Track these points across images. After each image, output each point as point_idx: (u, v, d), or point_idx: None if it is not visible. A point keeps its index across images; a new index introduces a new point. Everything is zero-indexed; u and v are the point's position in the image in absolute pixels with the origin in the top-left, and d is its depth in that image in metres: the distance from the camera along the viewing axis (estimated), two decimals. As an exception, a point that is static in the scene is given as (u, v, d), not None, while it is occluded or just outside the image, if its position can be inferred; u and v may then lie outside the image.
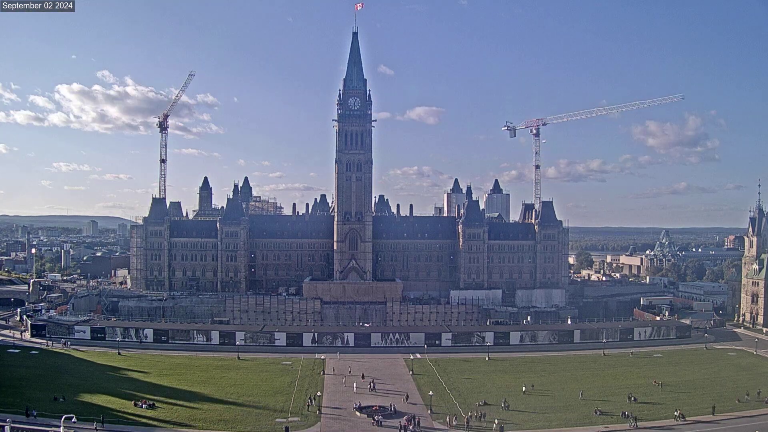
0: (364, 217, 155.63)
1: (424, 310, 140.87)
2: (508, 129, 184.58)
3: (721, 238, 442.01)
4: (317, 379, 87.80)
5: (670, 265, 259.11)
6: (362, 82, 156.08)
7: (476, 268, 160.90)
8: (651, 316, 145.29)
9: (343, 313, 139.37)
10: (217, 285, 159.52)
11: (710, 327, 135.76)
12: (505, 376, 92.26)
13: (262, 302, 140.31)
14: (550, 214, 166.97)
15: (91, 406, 69.29)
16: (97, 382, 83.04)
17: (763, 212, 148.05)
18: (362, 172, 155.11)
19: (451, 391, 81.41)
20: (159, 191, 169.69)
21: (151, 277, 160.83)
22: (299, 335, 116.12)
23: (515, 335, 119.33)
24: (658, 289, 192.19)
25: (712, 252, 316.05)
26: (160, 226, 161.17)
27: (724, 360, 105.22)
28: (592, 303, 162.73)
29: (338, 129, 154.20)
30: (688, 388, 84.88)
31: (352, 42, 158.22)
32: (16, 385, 78.64)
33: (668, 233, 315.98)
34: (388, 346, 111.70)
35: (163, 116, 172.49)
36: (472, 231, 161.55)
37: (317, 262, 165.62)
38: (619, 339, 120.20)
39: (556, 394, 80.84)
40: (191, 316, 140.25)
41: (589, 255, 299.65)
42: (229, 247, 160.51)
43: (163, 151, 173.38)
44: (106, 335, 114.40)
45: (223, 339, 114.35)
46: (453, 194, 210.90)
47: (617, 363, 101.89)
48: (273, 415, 70.22)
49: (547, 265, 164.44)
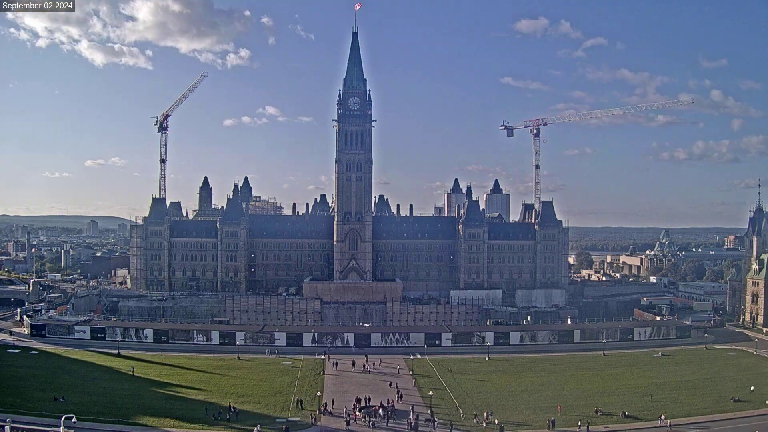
0: (364, 217, 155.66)
1: (424, 310, 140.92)
2: (505, 129, 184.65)
3: (721, 238, 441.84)
4: (317, 379, 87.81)
5: (670, 265, 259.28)
6: (362, 82, 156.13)
7: (476, 268, 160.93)
8: (651, 316, 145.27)
9: (343, 313, 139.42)
10: (217, 285, 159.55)
11: (710, 327, 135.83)
12: (505, 376, 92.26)
13: (262, 302, 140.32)
14: (550, 214, 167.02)
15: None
16: (97, 382, 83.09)
17: (763, 212, 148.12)
18: (362, 172, 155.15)
19: (451, 391, 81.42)
20: (159, 191, 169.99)
21: (151, 277, 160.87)
22: (299, 335, 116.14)
23: (515, 335, 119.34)
24: (658, 289, 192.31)
25: (712, 252, 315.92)
26: (160, 226, 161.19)
27: (724, 360, 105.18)
28: (592, 303, 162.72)
29: (338, 129, 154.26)
30: (688, 388, 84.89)
31: (352, 42, 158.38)
32: (16, 385, 78.64)
33: (668, 233, 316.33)
34: (388, 346, 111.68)
35: (163, 116, 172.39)
36: (472, 231, 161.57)
37: (317, 262, 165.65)
38: (619, 339, 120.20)
39: (557, 394, 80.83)
40: (191, 316, 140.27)
41: (589, 255, 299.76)
42: (229, 247, 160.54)
43: (163, 150, 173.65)
44: (106, 335, 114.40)
45: (223, 339, 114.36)
46: (453, 194, 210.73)
47: (617, 363, 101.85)
48: (273, 415, 70.23)
49: (547, 265, 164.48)
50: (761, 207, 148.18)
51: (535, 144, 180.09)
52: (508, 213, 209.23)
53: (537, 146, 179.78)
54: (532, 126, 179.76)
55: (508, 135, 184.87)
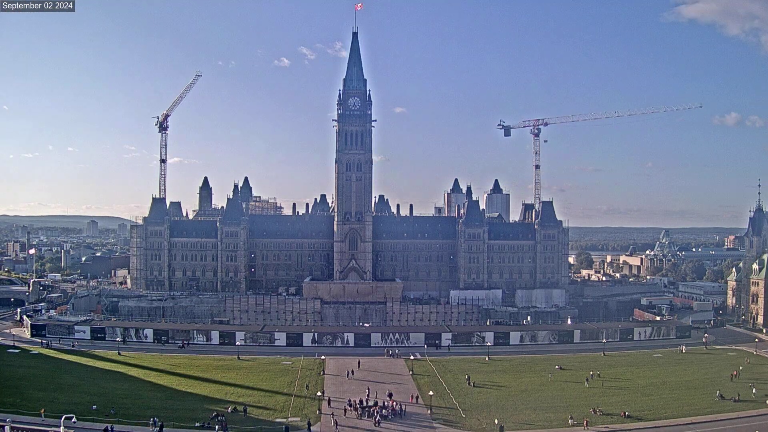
0: (364, 217, 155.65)
1: (424, 310, 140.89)
2: (502, 128, 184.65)
3: (721, 238, 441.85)
4: (317, 379, 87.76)
5: (670, 265, 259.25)
6: (362, 82, 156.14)
7: (476, 268, 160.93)
8: (651, 316, 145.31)
9: (343, 313, 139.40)
10: (217, 285, 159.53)
11: (710, 327, 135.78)
12: (505, 376, 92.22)
13: (262, 302, 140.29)
14: (550, 214, 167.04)
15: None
16: (97, 382, 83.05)
17: (763, 212, 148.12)
18: (362, 172, 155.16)
19: (451, 392, 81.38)
20: (159, 191, 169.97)
21: (151, 277, 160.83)
22: (299, 335, 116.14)
23: (515, 335, 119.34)
24: (658, 289, 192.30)
25: (712, 252, 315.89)
26: (160, 226, 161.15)
27: (724, 360, 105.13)
28: (592, 303, 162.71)
29: (338, 129, 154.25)
30: (688, 388, 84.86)
31: (352, 42, 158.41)
32: (16, 385, 78.62)
33: (668, 233, 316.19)
34: (388, 346, 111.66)
35: (163, 116, 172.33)
36: (472, 231, 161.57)
37: (317, 262, 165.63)
38: (619, 339, 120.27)
39: (557, 394, 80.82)
40: (191, 316, 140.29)
41: (589, 255, 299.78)
42: (229, 247, 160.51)
43: (163, 151, 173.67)
44: (106, 335, 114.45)
45: (223, 339, 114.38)
46: (453, 194, 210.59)
47: (617, 363, 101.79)
48: (273, 415, 70.21)
49: (547, 265, 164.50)
50: (761, 207, 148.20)
51: (535, 144, 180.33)
52: (508, 213, 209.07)
53: (537, 146, 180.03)
54: (532, 126, 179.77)
55: (505, 135, 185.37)
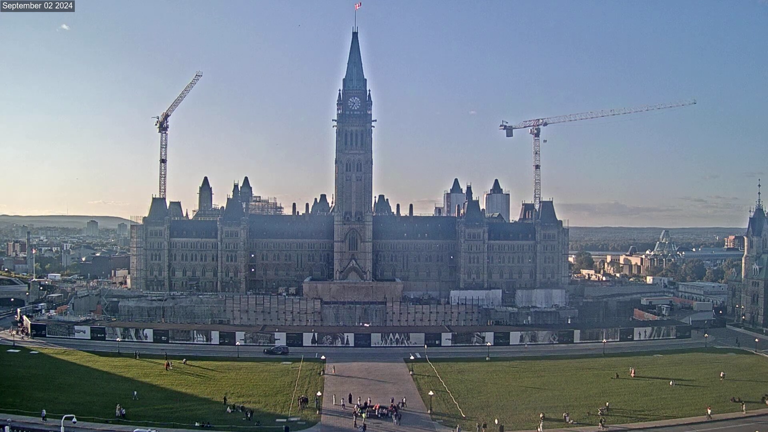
0: (364, 217, 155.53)
1: (424, 310, 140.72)
2: (504, 128, 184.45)
3: (721, 238, 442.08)
4: (317, 379, 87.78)
5: (670, 265, 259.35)
6: (362, 82, 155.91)
7: (476, 268, 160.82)
8: (651, 316, 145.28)
9: (343, 313, 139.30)
10: (217, 285, 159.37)
11: (710, 327, 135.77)
12: (505, 376, 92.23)
13: (262, 302, 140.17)
14: (550, 214, 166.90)
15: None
16: (96, 382, 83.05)
17: (763, 212, 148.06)
18: (362, 172, 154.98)
19: (451, 392, 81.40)
20: (159, 191, 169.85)
21: (151, 277, 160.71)
22: (299, 335, 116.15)
23: (515, 335, 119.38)
24: (658, 289, 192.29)
25: (712, 252, 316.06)
26: (160, 226, 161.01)
27: (724, 360, 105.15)
28: (592, 303, 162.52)
29: (338, 129, 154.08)
30: (688, 388, 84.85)
31: (352, 42, 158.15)
32: (17, 385, 78.63)
33: (668, 233, 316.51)
34: (388, 346, 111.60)
35: (163, 116, 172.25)
36: (472, 231, 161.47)
37: (317, 262, 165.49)
38: (619, 339, 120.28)
39: (557, 394, 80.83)
40: (191, 316, 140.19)
41: (589, 255, 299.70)
42: (229, 247, 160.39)
43: (163, 151, 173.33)
44: (106, 335, 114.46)
45: (223, 339, 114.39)
46: (453, 194, 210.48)
47: (617, 363, 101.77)
48: (273, 415, 70.21)
49: (547, 265, 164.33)
50: (761, 207, 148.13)
51: (534, 144, 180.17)
52: (508, 213, 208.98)
53: (537, 146, 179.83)
54: (532, 126, 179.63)
55: (507, 135, 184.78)
